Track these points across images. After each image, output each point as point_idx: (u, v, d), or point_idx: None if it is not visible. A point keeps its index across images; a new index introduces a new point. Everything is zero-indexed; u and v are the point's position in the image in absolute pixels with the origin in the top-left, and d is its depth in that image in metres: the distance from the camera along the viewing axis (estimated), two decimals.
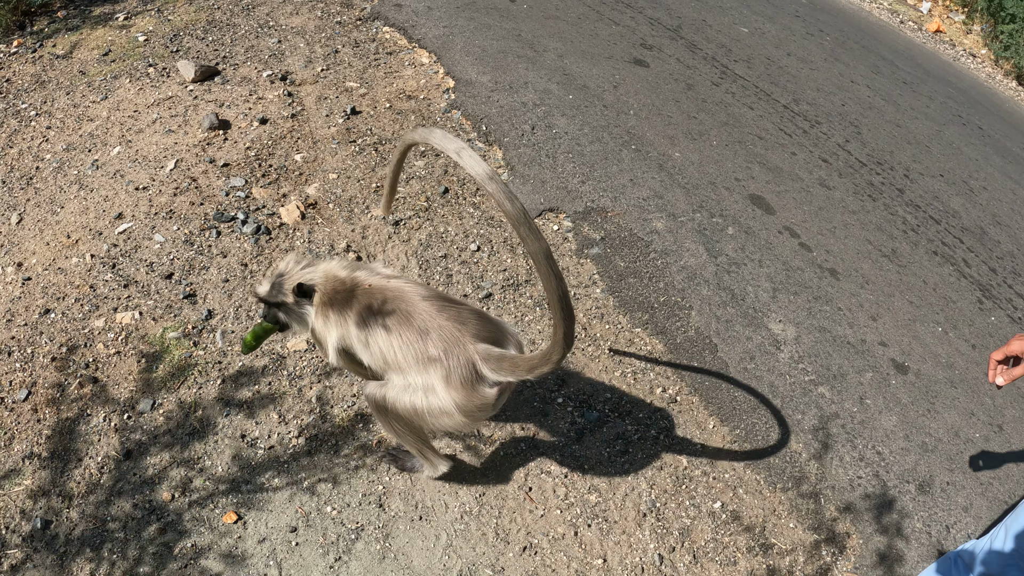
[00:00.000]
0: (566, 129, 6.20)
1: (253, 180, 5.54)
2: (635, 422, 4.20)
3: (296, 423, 4.06)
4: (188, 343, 4.44)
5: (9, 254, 5.19)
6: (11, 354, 4.45)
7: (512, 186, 5.60)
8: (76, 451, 3.94)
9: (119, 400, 4.16)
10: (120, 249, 5.06)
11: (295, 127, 6.10)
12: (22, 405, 4.16)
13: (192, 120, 6.20)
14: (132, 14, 8.29)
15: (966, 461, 4.50)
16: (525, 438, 4.05)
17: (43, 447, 3.97)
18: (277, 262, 3.98)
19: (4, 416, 4.13)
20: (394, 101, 6.44)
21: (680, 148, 6.27)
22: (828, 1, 11.37)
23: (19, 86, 7.23)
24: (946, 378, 4.95)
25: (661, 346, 4.61)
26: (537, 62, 7.13)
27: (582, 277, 4.97)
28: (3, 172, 6.06)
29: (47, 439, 4.00)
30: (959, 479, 4.37)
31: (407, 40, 7.40)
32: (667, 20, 8.70)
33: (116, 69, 7.19)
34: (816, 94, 7.80)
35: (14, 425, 4.09)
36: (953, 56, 10.97)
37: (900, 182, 6.71)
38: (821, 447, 4.30)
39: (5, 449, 3.99)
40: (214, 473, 3.84)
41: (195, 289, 4.77)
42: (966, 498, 4.29)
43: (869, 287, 5.41)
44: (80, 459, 3.90)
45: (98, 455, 3.91)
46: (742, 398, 4.41)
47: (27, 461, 3.91)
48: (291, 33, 7.64)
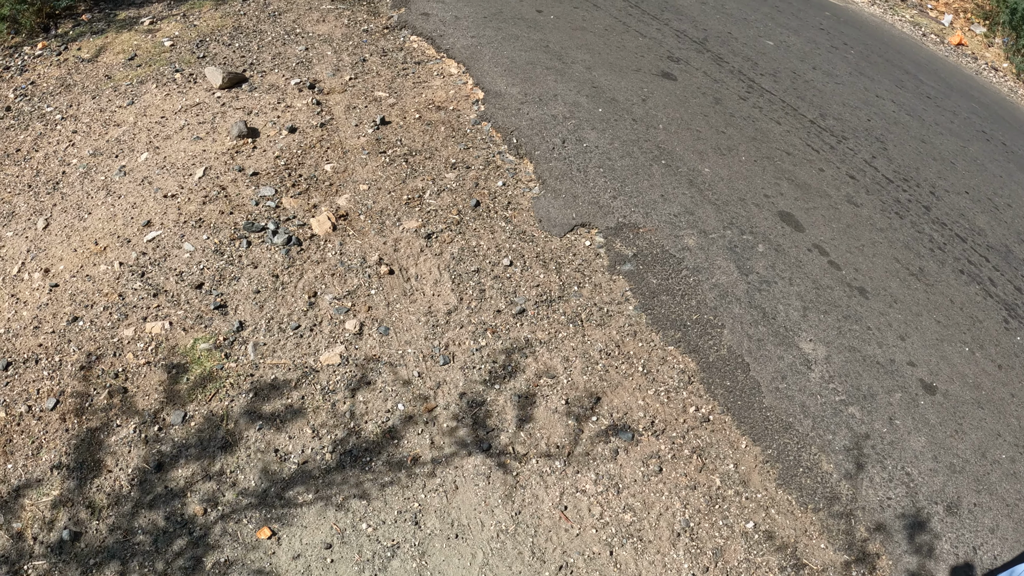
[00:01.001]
0: (596, 143, 6.22)
1: (283, 190, 5.57)
2: (669, 441, 4.22)
3: (329, 438, 4.08)
4: (219, 355, 4.47)
5: (36, 260, 5.21)
6: (39, 362, 4.48)
7: (544, 200, 5.62)
8: (104, 462, 3.97)
9: (149, 411, 4.19)
10: (149, 257, 5.08)
11: (324, 136, 6.12)
12: (50, 414, 4.19)
13: (220, 127, 6.22)
14: (158, 18, 8.33)
15: (993, 482, 4.50)
16: (560, 456, 4.07)
17: (71, 457, 3.99)
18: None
19: (32, 425, 4.16)
20: (424, 112, 6.46)
21: (709, 163, 6.28)
22: (851, 14, 11.36)
23: (44, 89, 7.26)
24: (973, 399, 4.95)
25: (694, 364, 4.62)
26: (565, 74, 7.15)
27: (615, 294, 4.99)
28: (29, 176, 6.08)
29: (75, 449, 4.03)
30: (986, 500, 4.38)
31: (435, 50, 7.42)
32: (693, 32, 8.70)
33: (142, 74, 7.22)
34: (842, 109, 7.80)
35: (42, 434, 4.11)
36: (975, 69, 10.95)
37: (926, 199, 6.71)
38: (852, 467, 4.31)
39: (33, 458, 4.01)
40: (246, 487, 3.86)
41: (226, 300, 4.79)
42: (992, 519, 4.30)
43: (897, 306, 5.42)
44: (109, 470, 3.93)
45: (127, 466, 3.94)
46: (774, 418, 4.42)
47: (55, 471, 3.94)
48: (318, 41, 7.67)
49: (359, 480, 3.90)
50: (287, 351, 4.50)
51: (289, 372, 4.39)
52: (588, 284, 5.05)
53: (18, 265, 5.22)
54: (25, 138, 6.60)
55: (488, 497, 3.88)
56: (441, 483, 3.92)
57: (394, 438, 4.09)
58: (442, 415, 4.21)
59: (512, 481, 3.94)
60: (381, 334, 4.61)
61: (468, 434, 4.12)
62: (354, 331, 4.62)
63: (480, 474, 3.94)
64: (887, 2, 12.39)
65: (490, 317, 4.75)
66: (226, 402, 4.23)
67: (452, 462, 3.99)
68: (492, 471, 3.96)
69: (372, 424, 4.15)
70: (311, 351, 4.51)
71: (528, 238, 5.32)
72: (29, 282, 5.06)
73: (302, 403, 4.23)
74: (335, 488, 3.86)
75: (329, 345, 4.54)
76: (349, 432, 4.11)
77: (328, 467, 3.94)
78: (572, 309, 4.86)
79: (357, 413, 4.20)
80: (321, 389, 4.31)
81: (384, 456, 4.01)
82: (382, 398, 4.28)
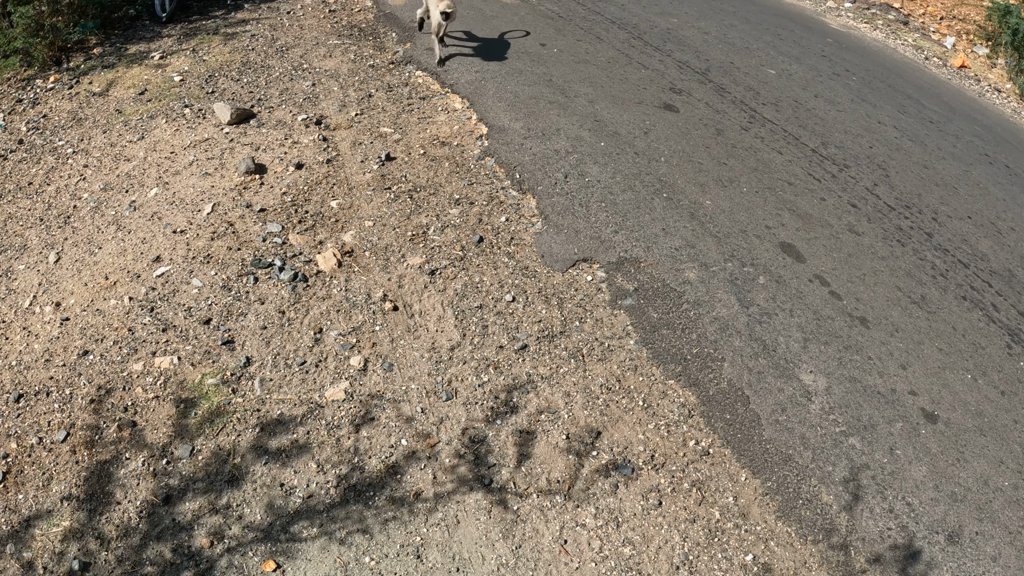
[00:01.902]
0: (599, 177, 6.30)
1: (290, 226, 5.66)
2: (669, 475, 4.27)
3: (334, 473, 4.15)
4: (227, 390, 4.55)
5: (48, 293, 5.32)
6: (49, 394, 4.58)
7: (546, 236, 5.70)
8: (114, 494, 4.05)
9: (157, 445, 4.27)
10: (158, 293, 5.18)
11: (331, 173, 6.22)
12: (60, 446, 4.28)
13: (228, 163, 6.33)
14: (168, 53, 8.46)
15: (995, 510, 4.52)
16: (560, 491, 4.13)
17: (81, 489, 4.08)
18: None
19: (43, 456, 4.25)
20: (428, 147, 6.56)
21: (711, 195, 6.36)
22: (853, 39, 11.43)
23: (56, 122, 7.39)
24: (975, 426, 4.97)
25: (694, 398, 4.68)
26: (568, 108, 7.25)
27: (616, 328, 5.06)
28: (41, 209, 6.20)
29: (85, 481, 4.11)
30: (988, 528, 4.40)
31: (439, 85, 7.53)
32: (695, 63, 8.79)
33: (152, 109, 7.34)
34: (844, 136, 7.87)
35: (52, 466, 4.20)
36: (979, 91, 10.99)
37: (928, 225, 6.75)
38: (851, 499, 4.34)
39: (44, 489, 4.10)
40: (252, 521, 3.93)
41: (233, 335, 4.88)
42: (995, 548, 4.32)
43: (899, 335, 5.46)
44: (118, 502, 4.01)
45: (136, 499, 4.02)
46: (774, 450, 4.47)
47: (65, 502, 4.03)
48: (325, 76, 7.78)
49: (362, 515, 3.97)
50: (293, 387, 4.59)
51: (295, 407, 4.47)
52: (589, 319, 5.12)
53: (30, 298, 5.32)
54: (37, 171, 6.72)
55: (489, 531, 3.94)
56: (443, 517, 3.98)
57: (397, 473, 4.16)
58: (444, 451, 4.28)
59: (513, 516, 4.00)
60: (385, 370, 4.69)
61: (470, 469, 4.18)
62: (359, 367, 4.70)
63: (481, 509, 4.00)
64: (889, 27, 12.45)
65: (492, 353, 4.83)
66: (233, 436, 4.31)
67: (454, 497, 4.06)
68: (493, 506, 4.03)
69: (376, 459, 4.23)
70: (316, 387, 4.59)
71: (531, 273, 5.40)
72: (41, 315, 5.17)
73: (307, 438, 4.31)
74: (339, 522, 3.93)
75: (334, 381, 4.62)
76: (353, 467, 4.18)
77: (332, 502, 4.02)
78: (574, 344, 4.93)
79: (361, 448, 4.27)
80: (326, 424, 4.39)
81: (387, 491, 4.08)
82: (386, 434, 4.35)
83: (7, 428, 4.43)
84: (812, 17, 12.12)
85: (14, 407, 4.55)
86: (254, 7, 9.87)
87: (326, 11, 9.59)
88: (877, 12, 12.96)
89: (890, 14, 12.95)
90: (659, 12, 10.44)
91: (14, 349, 4.95)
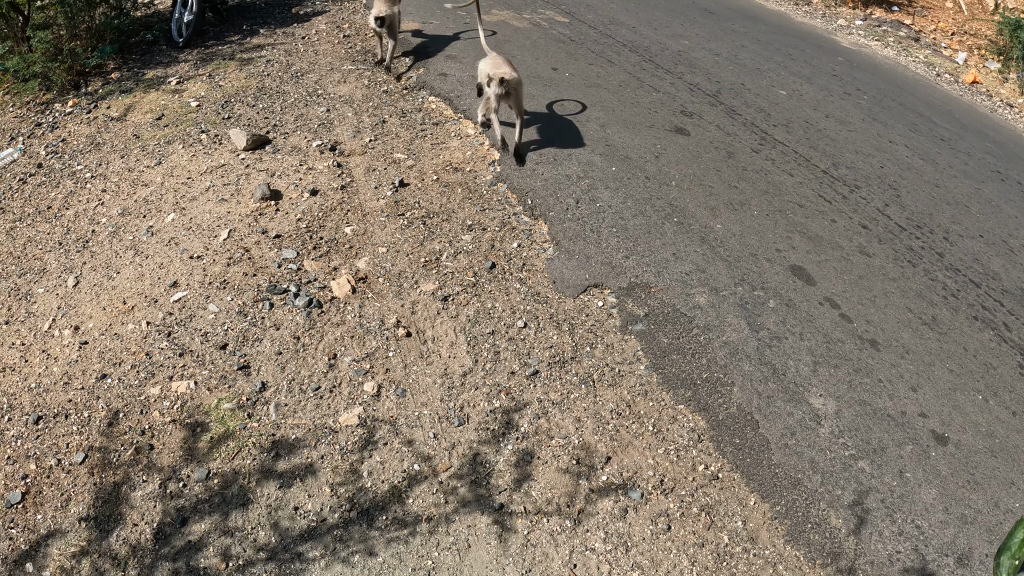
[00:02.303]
0: (610, 202, 6.37)
1: (304, 252, 5.75)
2: (678, 499, 4.32)
3: (347, 497, 4.22)
4: (242, 414, 4.64)
5: (66, 317, 5.43)
6: (68, 417, 4.69)
7: (558, 261, 5.77)
8: (130, 515, 4.14)
9: (173, 468, 4.37)
10: (175, 318, 5.27)
11: (345, 199, 6.31)
12: (79, 468, 4.38)
13: (244, 189, 6.42)
14: (184, 78, 8.58)
15: (1005, 532, 4.54)
16: (570, 515, 4.18)
17: (97, 509, 4.18)
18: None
19: (61, 478, 4.35)
20: (441, 173, 6.64)
21: (722, 219, 6.41)
22: (864, 57, 11.47)
23: (74, 147, 7.52)
24: (986, 448, 4.99)
25: (703, 423, 4.73)
26: (580, 132, 7.32)
27: (626, 354, 5.11)
28: (60, 234, 6.31)
29: (102, 502, 4.21)
30: None
31: (452, 110, 7.62)
32: (706, 85, 8.86)
33: (169, 134, 7.45)
34: (855, 157, 7.90)
35: (71, 487, 4.30)
36: (990, 107, 10.99)
37: (940, 245, 6.77)
38: (860, 522, 4.37)
39: (61, 510, 4.20)
40: (265, 543, 4.01)
41: (249, 361, 4.96)
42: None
43: (909, 357, 5.48)
44: (134, 523, 4.10)
45: (151, 520, 4.11)
46: (783, 474, 4.50)
47: (82, 523, 4.12)
48: (339, 102, 7.88)
49: (374, 538, 4.04)
50: (307, 412, 4.67)
51: (309, 432, 4.55)
52: (600, 345, 5.17)
53: (49, 321, 5.43)
54: (56, 195, 6.84)
55: (499, 556, 4.00)
56: (454, 541, 4.04)
57: (409, 497, 4.23)
58: (456, 475, 4.34)
59: (523, 540, 4.05)
60: (398, 396, 4.76)
61: (481, 494, 4.24)
62: (372, 393, 4.77)
63: (492, 533, 4.06)
64: (900, 44, 12.48)
65: (504, 379, 4.89)
66: (247, 460, 4.39)
67: (464, 521, 4.12)
68: (503, 530, 4.08)
69: (388, 484, 4.29)
70: (330, 412, 4.67)
71: (542, 299, 5.46)
72: (59, 338, 5.27)
73: (321, 462, 4.38)
74: (351, 546, 4.00)
75: (348, 406, 4.70)
76: (365, 491, 4.25)
77: (345, 525, 4.08)
78: (584, 370, 4.98)
79: (374, 473, 4.34)
80: (340, 449, 4.46)
81: (398, 515, 4.14)
82: (398, 458, 4.42)
83: (26, 449, 4.53)
84: (823, 36, 12.17)
85: (33, 429, 4.65)
86: (269, 32, 10.00)
87: (340, 36, 9.71)
88: (888, 29, 13.00)
89: (901, 31, 12.99)
90: (670, 34, 10.52)
91: (33, 371, 5.06)
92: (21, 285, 5.88)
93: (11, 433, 4.65)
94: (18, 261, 6.14)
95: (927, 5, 14.31)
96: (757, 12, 12.94)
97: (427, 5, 10.66)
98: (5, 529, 4.14)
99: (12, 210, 6.82)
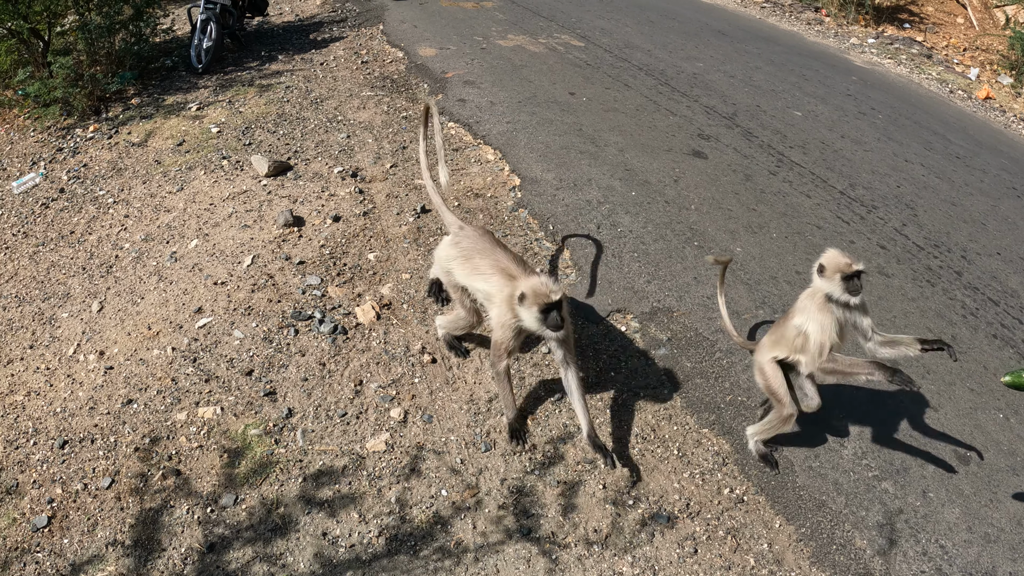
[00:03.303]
0: (630, 227, 6.43)
1: (328, 279, 5.82)
2: (704, 523, 4.35)
3: (376, 523, 4.27)
4: (270, 440, 4.70)
5: (91, 342, 5.50)
6: (94, 442, 4.76)
7: (580, 287, 5.83)
8: (159, 541, 4.20)
9: (202, 493, 4.42)
10: (200, 343, 5.35)
11: (367, 225, 6.38)
12: (105, 492, 4.44)
13: (267, 215, 6.49)
14: (204, 104, 8.69)
15: None
16: (598, 540, 4.22)
17: (126, 535, 4.23)
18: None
19: (88, 502, 4.41)
20: (463, 199, 6.71)
21: (741, 242, 6.46)
22: (878, 76, 11.53)
23: (96, 172, 7.61)
24: (1008, 466, 5.00)
25: (728, 446, 4.77)
26: (599, 157, 7.39)
27: (650, 378, 5.16)
28: (83, 259, 6.39)
29: (130, 527, 4.26)
30: (1021, 569, 4.43)
31: (472, 136, 7.70)
32: (722, 108, 8.93)
33: (191, 160, 7.55)
34: (871, 177, 7.95)
35: (98, 512, 4.36)
36: (1004, 123, 11.01)
37: (958, 264, 6.80)
38: (885, 543, 4.39)
39: (89, 535, 4.26)
40: (296, 570, 4.06)
41: (275, 387, 5.03)
42: None
43: (930, 377, 5.50)
44: (163, 549, 4.16)
45: (181, 546, 4.17)
46: (808, 496, 4.54)
47: (110, 548, 4.18)
48: (359, 128, 7.97)
49: (406, 565, 4.08)
50: (335, 438, 4.73)
51: (337, 458, 4.60)
52: (624, 369, 5.22)
53: (74, 346, 5.51)
54: (79, 220, 6.94)
55: None
56: (483, 567, 4.08)
57: (438, 523, 4.27)
58: (484, 500, 4.39)
59: (552, 565, 4.10)
60: (425, 422, 4.82)
61: (509, 519, 4.29)
62: (399, 419, 4.83)
63: (521, 558, 4.11)
64: (913, 61, 12.53)
65: (530, 404, 4.95)
66: (276, 486, 4.45)
67: (494, 547, 4.16)
68: (533, 556, 4.12)
69: (417, 509, 4.34)
70: (358, 438, 4.73)
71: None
72: (85, 363, 5.35)
73: (350, 488, 4.44)
74: (383, 572, 4.04)
75: (375, 432, 4.76)
76: (395, 517, 4.30)
77: (376, 552, 4.13)
78: (609, 395, 5.03)
79: (402, 499, 4.39)
80: (368, 475, 4.51)
81: (428, 541, 4.19)
82: (426, 484, 4.47)
83: (52, 474, 4.61)
84: (836, 55, 12.23)
85: (59, 453, 4.73)
86: (288, 59, 10.12)
87: (358, 62, 9.82)
88: (900, 47, 13.06)
89: (913, 48, 13.04)
90: (685, 57, 10.60)
91: (59, 396, 5.14)
92: (45, 310, 5.97)
93: (37, 457, 4.73)
94: (42, 286, 6.24)
95: (938, 22, 14.36)
96: (770, 33, 13.02)
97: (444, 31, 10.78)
98: (32, 553, 4.20)
99: (35, 235, 6.92)
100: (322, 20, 12.17)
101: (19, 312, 6.01)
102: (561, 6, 12.86)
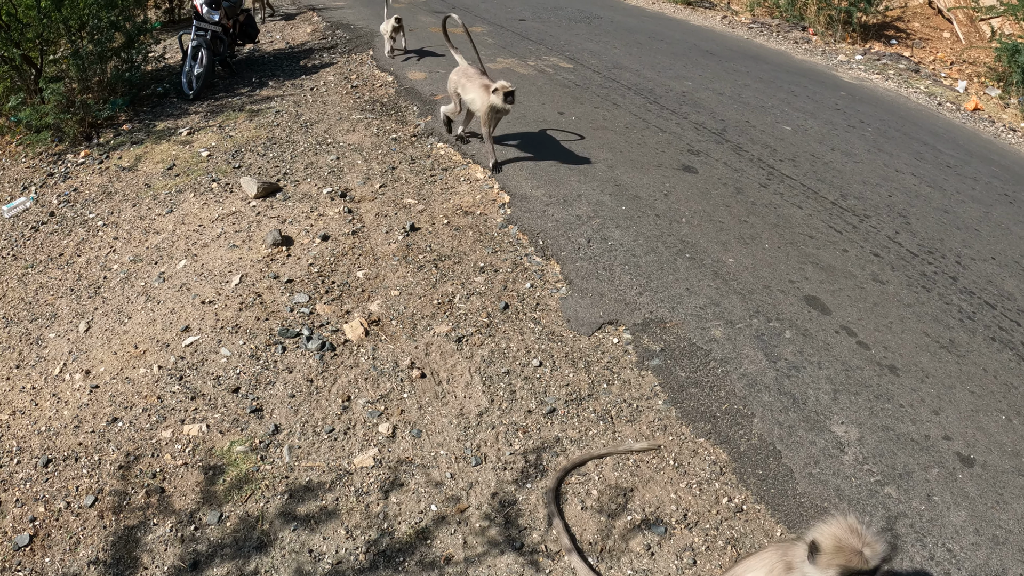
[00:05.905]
0: (621, 241, 6.38)
1: (317, 296, 5.77)
2: (702, 533, 4.25)
3: (363, 539, 4.17)
4: (255, 457, 4.61)
5: (77, 361, 5.44)
6: (78, 460, 4.67)
7: (571, 300, 5.77)
8: (141, 559, 4.10)
9: (185, 511, 4.33)
10: (187, 362, 5.28)
11: (356, 244, 6.33)
12: (88, 511, 4.35)
13: (256, 236, 6.46)
14: (194, 129, 8.69)
15: None
16: (592, 552, 4.13)
17: (108, 553, 4.13)
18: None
19: (70, 521, 4.32)
20: (452, 217, 6.67)
21: (733, 253, 6.41)
22: (866, 91, 11.55)
23: (87, 196, 7.59)
24: (1013, 467, 4.92)
25: (725, 455, 4.68)
26: (589, 174, 7.36)
27: (644, 389, 5.08)
28: (72, 280, 6.35)
29: (112, 546, 4.17)
30: None
31: (460, 156, 7.68)
32: (712, 124, 8.92)
33: (180, 183, 7.53)
34: (863, 187, 7.92)
35: (80, 530, 4.27)
36: (993, 133, 11.02)
37: (952, 269, 6.75)
38: (890, 548, 4.30)
39: (71, 553, 4.16)
40: None
41: (261, 404, 4.95)
42: None
43: (929, 381, 5.43)
44: (145, 567, 4.06)
45: (164, 564, 4.07)
46: (809, 503, 4.45)
47: (92, 567, 4.08)
48: (348, 150, 7.96)
49: None
50: (321, 454, 4.64)
51: (323, 474, 4.51)
52: (617, 381, 5.15)
53: (60, 366, 5.44)
54: (68, 243, 6.90)
55: None
56: None
57: (427, 538, 4.17)
58: (474, 515, 4.29)
59: None
60: (414, 437, 4.73)
61: (500, 533, 4.19)
62: (387, 434, 4.75)
63: (512, 572, 4.00)
64: (901, 75, 12.57)
65: (521, 418, 4.86)
66: (261, 503, 4.36)
67: (484, 561, 4.06)
68: (524, 569, 4.02)
69: (405, 524, 4.25)
70: (345, 454, 4.64)
71: (557, 338, 5.45)
72: (70, 382, 5.28)
73: (336, 504, 4.34)
74: None
75: (363, 448, 4.67)
76: (383, 533, 4.20)
77: (362, 567, 4.03)
78: (602, 406, 4.95)
79: (391, 514, 4.30)
80: (355, 491, 4.42)
81: (417, 556, 4.09)
82: (415, 499, 4.38)
83: (35, 492, 4.52)
84: (824, 72, 12.27)
85: (42, 471, 4.64)
86: (278, 84, 10.15)
87: (348, 87, 9.83)
88: (888, 62, 13.10)
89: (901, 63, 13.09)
90: (673, 76, 10.62)
91: (44, 415, 5.07)
92: (32, 330, 5.91)
93: (20, 476, 4.64)
94: (29, 307, 6.19)
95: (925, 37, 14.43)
96: (758, 52, 13.07)
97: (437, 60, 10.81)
98: (12, 572, 4.10)
99: (24, 257, 6.88)
100: (312, 47, 12.21)
101: (6, 333, 5.96)
102: (550, 30, 12.91)
